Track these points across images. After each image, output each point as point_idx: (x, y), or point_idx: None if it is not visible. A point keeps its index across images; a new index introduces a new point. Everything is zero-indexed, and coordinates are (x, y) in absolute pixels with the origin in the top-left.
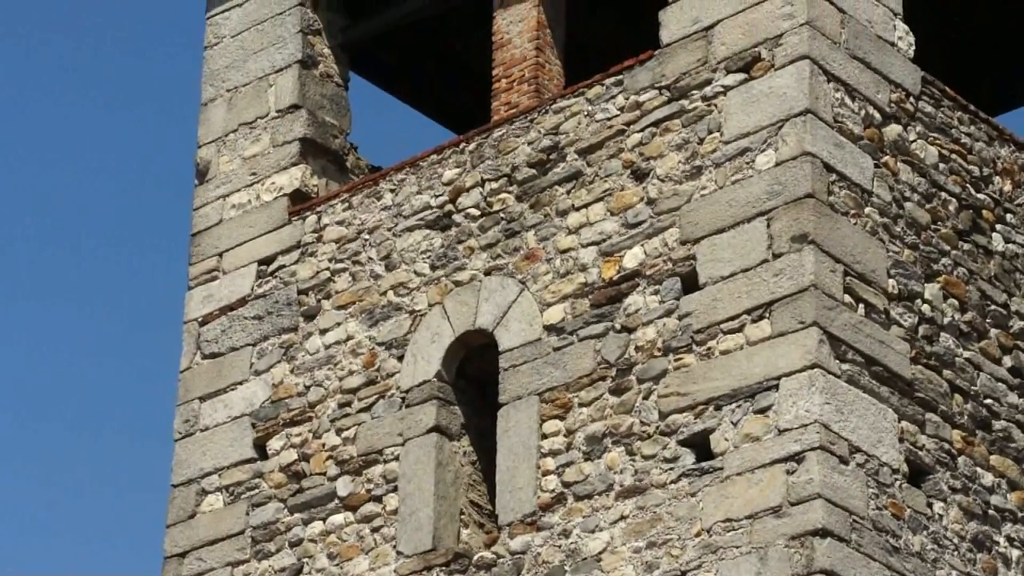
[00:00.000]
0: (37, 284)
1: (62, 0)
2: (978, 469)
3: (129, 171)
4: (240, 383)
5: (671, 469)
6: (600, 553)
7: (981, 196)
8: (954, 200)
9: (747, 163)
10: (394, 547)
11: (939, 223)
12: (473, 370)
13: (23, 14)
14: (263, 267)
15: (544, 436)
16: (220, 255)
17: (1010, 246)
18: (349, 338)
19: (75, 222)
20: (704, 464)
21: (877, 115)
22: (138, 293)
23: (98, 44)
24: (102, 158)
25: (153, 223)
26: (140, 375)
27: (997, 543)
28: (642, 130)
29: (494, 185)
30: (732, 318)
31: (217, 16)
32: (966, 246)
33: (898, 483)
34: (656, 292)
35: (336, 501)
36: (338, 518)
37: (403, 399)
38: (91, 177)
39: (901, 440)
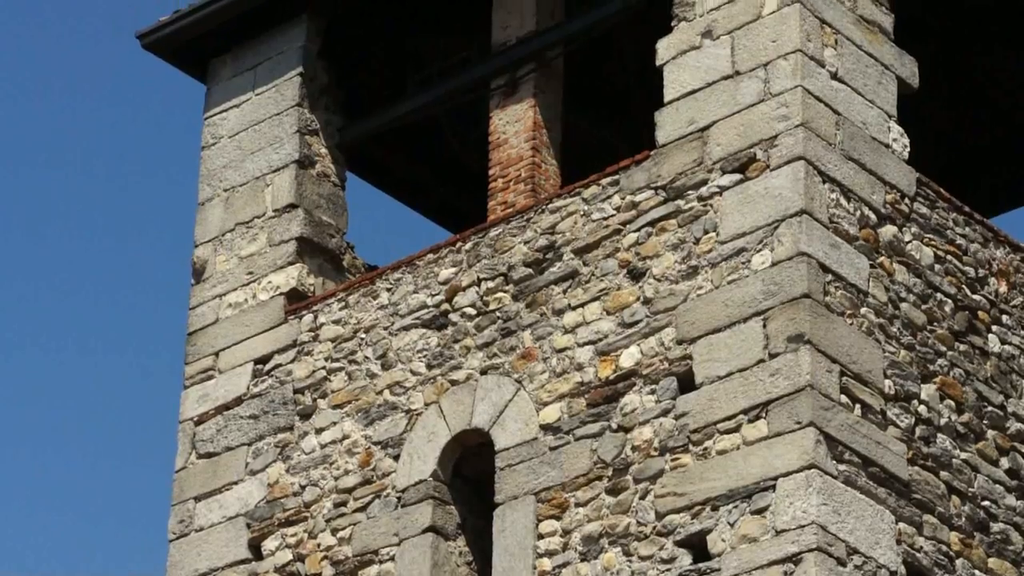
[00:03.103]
0: (36, 386)
1: (59, 101)
2: (976, 572)
3: (126, 271)
4: (235, 483)
5: (668, 570)
6: None
7: (977, 297)
8: (950, 301)
9: (743, 263)
10: None
11: (935, 324)
12: (469, 469)
13: (21, 113)
14: (259, 366)
15: (540, 536)
16: (216, 354)
17: (1006, 347)
18: (345, 437)
19: (75, 324)
20: (701, 565)
21: (872, 216)
22: (134, 393)
23: (94, 147)
24: (99, 257)
25: (149, 323)
26: (135, 475)
27: None
28: (638, 230)
29: (490, 284)
30: (729, 418)
31: (215, 116)
32: (962, 347)
33: None
34: (653, 392)
35: None
36: None
37: (399, 499)
38: (89, 277)
39: (899, 542)
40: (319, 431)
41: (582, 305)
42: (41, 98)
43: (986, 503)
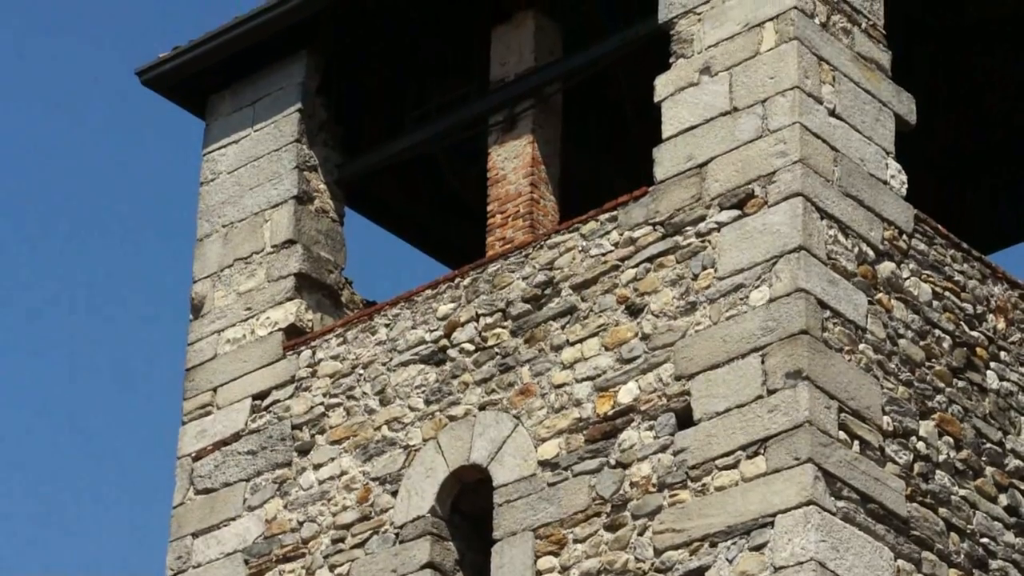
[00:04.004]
0: (33, 421)
1: (58, 137)
2: None
3: (125, 305)
4: (233, 519)
5: None
6: None
7: (975, 334)
8: (948, 337)
9: (741, 299)
10: None
11: (933, 360)
12: (467, 506)
13: (21, 149)
14: (257, 402)
15: (539, 573)
16: (214, 390)
17: (1004, 384)
18: (343, 473)
19: (73, 359)
20: None
21: (870, 252)
22: (132, 428)
23: (93, 183)
24: (98, 291)
25: (148, 358)
26: (132, 510)
27: None
28: (636, 266)
29: (489, 320)
30: (727, 454)
31: (214, 152)
32: (960, 384)
33: None
34: (651, 428)
35: None
36: None
37: (397, 535)
38: (88, 312)
39: None
40: (317, 467)
41: (580, 341)
42: (40, 133)
43: (985, 540)
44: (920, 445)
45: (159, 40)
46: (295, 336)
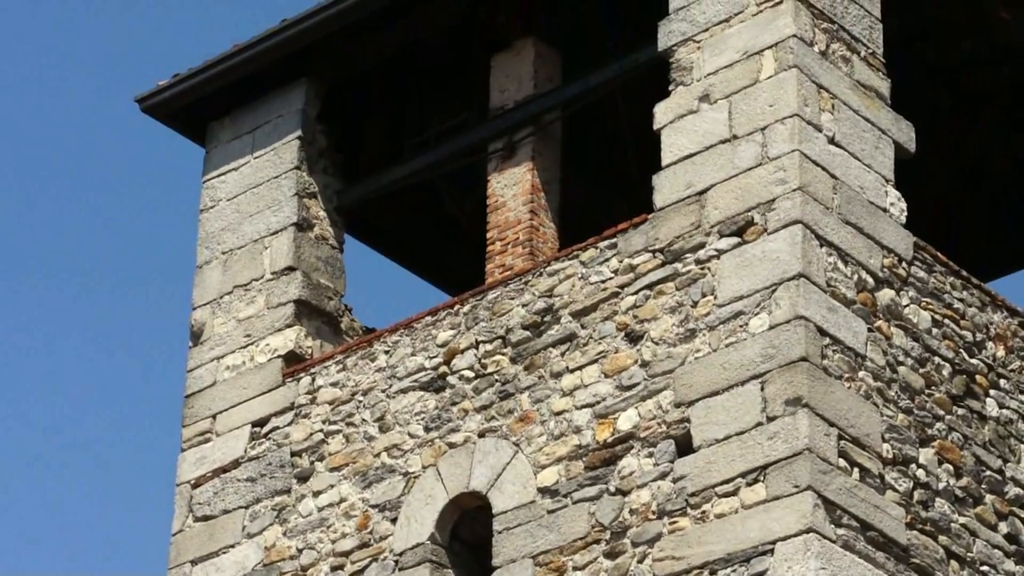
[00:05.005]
0: (33, 449)
1: (57, 165)
2: None
3: (124, 332)
4: (232, 546)
5: None
6: None
7: (974, 361)
8: (948, 365)
9: (741, 326)
10: None
11: (933, 388)
12: (467, 533)
13: (20, 176)
14: (257, 429)
15: None
16: (214, 417)
17: (1004, 411)
18: (342, 500)
19: (73, 387)
20: None
21: (870, 280)
22: (131, 455)
23: (93, 210)
24: (97, 318)
25: (147, 385)
26: (131, 537)
27: None
28: (636, 293)
29: (488, 347)
30: (727, 481)
31: (213, 180)
32: (960, 411)
33: None
34: (650, 455)
35: None
36: None
37: (396, 562)
38: (87, 338)
39: None
40: (316, 494)
41: (580, 368)
42: (40, 161)
43: (985, 568)
44: (920, 473)
45: (159, 67)
46: (295, 363)
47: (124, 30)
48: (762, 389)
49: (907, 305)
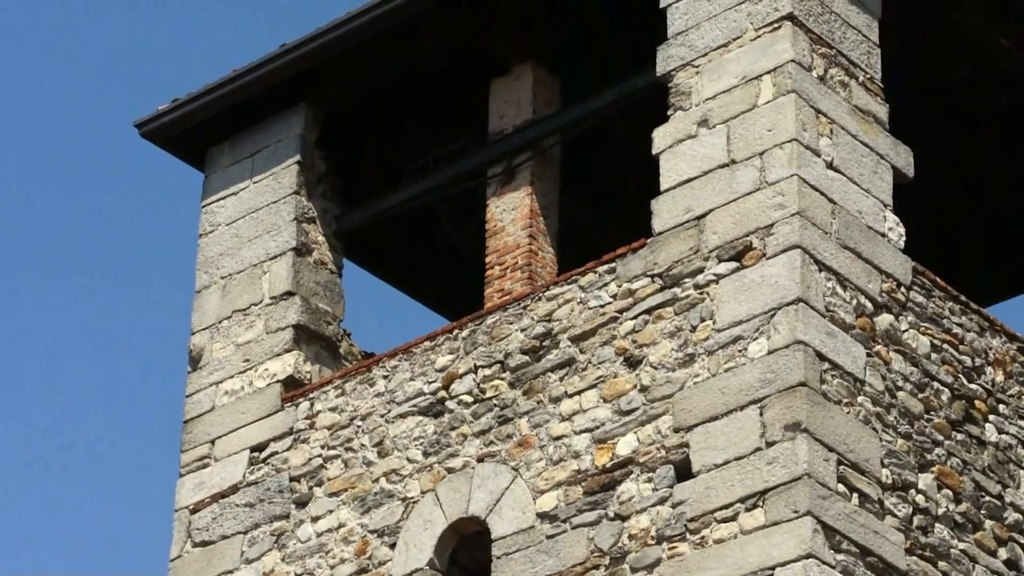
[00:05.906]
0: (32, 475)
1: (56, 189)
2: None
3: (122, 358)
4: (231, 572)
5: None
6: None
7: (973, 386)
8: (947, 390)
9: (740, 351)
10: None
11: (932, 413)
12: (466, 558)
13: (19, 200)
14: (255, 454)
15: None
16: (212, 442)
17: (1003, 437)
18: (341, 525)
19: (72, 412)
20: None
21: (869, 304)
22: (129, 481)
23: (91, 235)
24: (95, 343)
25: (146, 410)
26: (130, 564)
27: None
28: (635, 317)
29: (487, 372)
30: (726, 506)
31: (212, 204)
32: (959, 436)
33: None
34: (650, 480)
35: None
36: None
37: None
38: (85, 363)
39: None
40: (315, 519)
41: (579, 393)
42: (39, 186)
43: None
44: (919, 498)
45: (158, 92)
46: (293, 388)
47: (124, 54)
48: (761, 414)
49: (906, 330)
